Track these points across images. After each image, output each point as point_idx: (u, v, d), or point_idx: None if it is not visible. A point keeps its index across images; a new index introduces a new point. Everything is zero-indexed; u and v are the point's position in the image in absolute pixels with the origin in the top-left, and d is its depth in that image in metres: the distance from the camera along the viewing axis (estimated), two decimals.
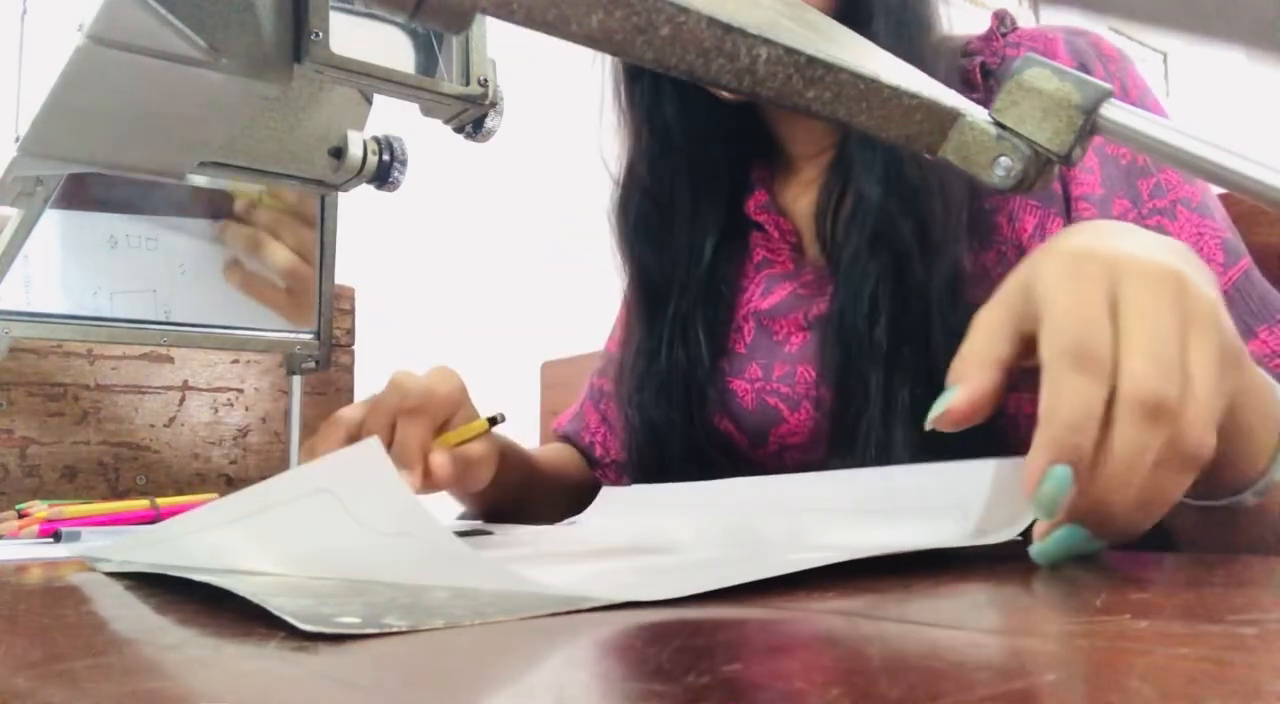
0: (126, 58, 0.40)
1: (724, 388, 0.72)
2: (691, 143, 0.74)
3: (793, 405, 0.68)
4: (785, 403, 0.69)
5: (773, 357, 0.71)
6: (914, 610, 0.28)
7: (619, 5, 0.33)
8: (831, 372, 0.65)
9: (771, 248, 0.74)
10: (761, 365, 0.71)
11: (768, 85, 0.35)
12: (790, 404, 0.69)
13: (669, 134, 0.75)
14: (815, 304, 0.69)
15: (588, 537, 0.57)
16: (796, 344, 0.70)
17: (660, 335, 0.74)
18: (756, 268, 0.75)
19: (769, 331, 0.72)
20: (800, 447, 0.69)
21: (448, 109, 0.49)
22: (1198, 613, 0.26)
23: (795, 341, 0.70)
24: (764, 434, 0.70)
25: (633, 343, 0.77)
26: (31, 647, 0.26)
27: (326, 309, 0.77)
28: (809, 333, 0.69)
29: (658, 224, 0.76)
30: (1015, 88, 0.37)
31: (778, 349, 0.71)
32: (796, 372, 0.69)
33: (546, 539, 0.56)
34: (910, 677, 0.19)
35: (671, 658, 0.22)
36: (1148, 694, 0.17)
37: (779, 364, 0.70)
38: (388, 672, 0.21)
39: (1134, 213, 0.63)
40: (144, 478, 1.08)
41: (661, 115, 0.75)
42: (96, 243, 0.73)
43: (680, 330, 0.73)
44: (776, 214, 0.74)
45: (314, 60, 0.42)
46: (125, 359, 1.08)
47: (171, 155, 0.52)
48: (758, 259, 0.75)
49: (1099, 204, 0.63)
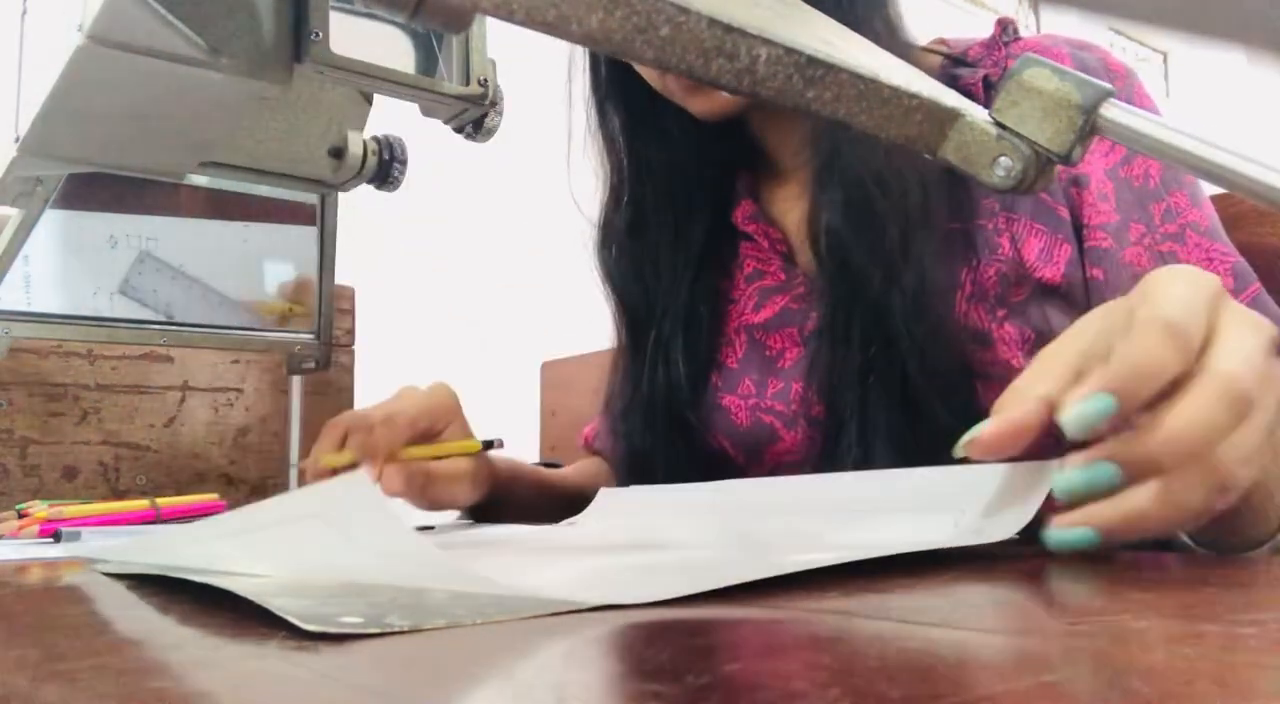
0: (126, 58, 0.40)
1: (715, 405, 0.71)
2: (669, 170, 0.74)
3: (789, 423, 0.68)
4: (780, 420, 0.68)
5: (766, 372, 0.70)
6: (914, 610, 0.28)
7: (619, 5, 0.33)
8: (819, 389, 0.65)
9: (762, 258, 0.73)
10: (754, 381, 0.70)
11: (768, 85, 0.35)
12: (786, 421, 0.68)
13: (646, 165, 0.74)
14: (811, 318, 0.68)
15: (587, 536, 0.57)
16: (791, 360, 0.69)
17: (643, 361, 0.73)
18: (747, 279, 0.74)
19: (762, 346, 0.71)
20: (797, 466, 0.68)
21: (448, 109, 0.49)
22: (1198, 613, 0.26)
23: (790, 357, 0.69)
24: (759, 452, 0.69)
25: (620, 369, 0.77)
26: (31, 647, 0.26)
27: (327, 309, 0.77)
28: (804, 348, 0.68)
29: (638, 255, 0.75)
30: (1015, 88, 0.37)
31: (771, 365, 0.70)
32: (791, 388, 0.68)
33: (545, 538, 0.56)
34: (910, 677, 0.19)
35: (671, 658, 0.22)
36: (1148, 694, 0.17)
37: (773, 380, 0.69)
38: (388, 672, 0.21)
39: (1148, 238, 0.63)
40: (144, 478, 1.08)
41: (636, 149, 0.74)
42: (96, 243, 0.73)
43: (663, 356, 0.73)
44: (765, 224, 0.73)
45: (314, 60, 0.42)
46: (125, 359, 1.08)
47: (171, 155, 0.52)
48: (748, 270, 0.74)
49: (1115, 232, 0.63)
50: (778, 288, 0.72)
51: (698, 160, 0.74)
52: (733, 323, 0.73)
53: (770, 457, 0.69)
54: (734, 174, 0.75)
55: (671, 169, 0.74)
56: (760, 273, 0.73)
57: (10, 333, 0.66)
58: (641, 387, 0.72)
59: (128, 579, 0.40)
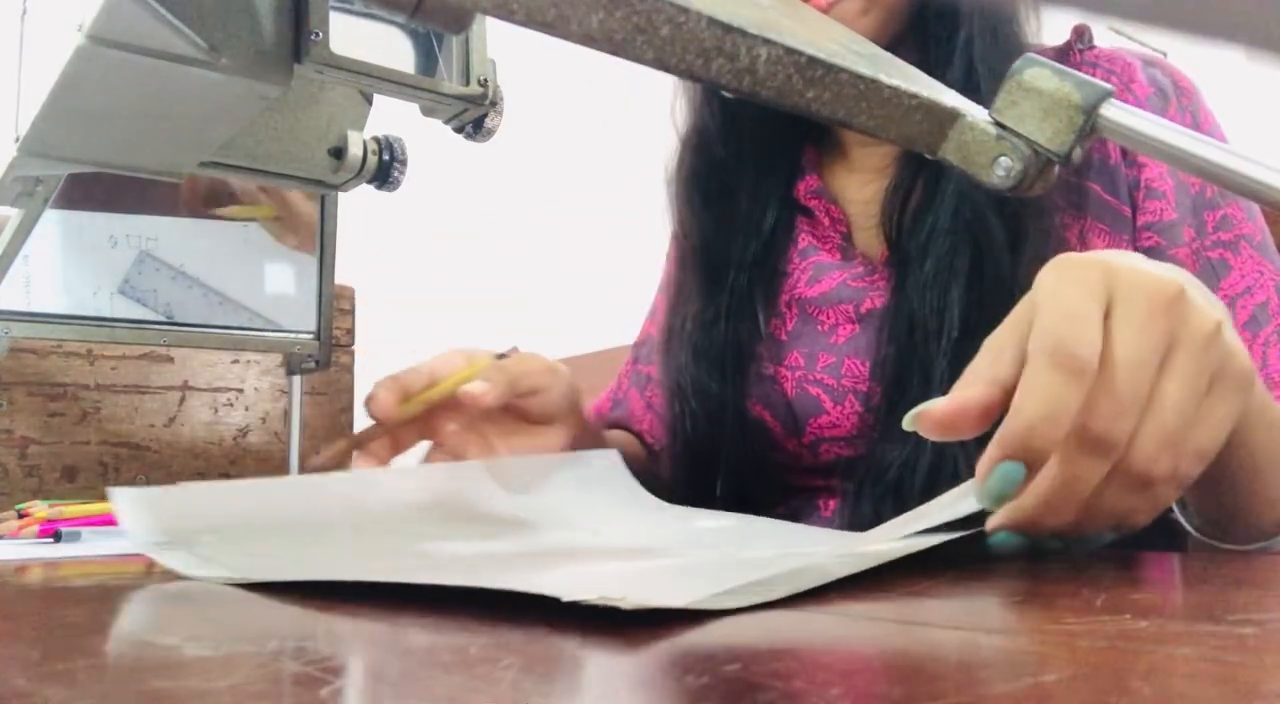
0: (126, 58, 0.40)
1: (762, 373, 0.70)
2: (756, 114, 0.73)
3: (837, 398, 0.67)
4: (828, 394, 0.67)
5: (816, 345, 0.69)
6: (914, 610, 0.28)
7: (619, 5, 0.33)
8: (887, 366, 0.64)
9: (819, 235, 0.73)
10: (804, 354, 0.69)
11: (768, 85, 0.35)
12: (834, 396, 0.67)
13: (736, 105, 0.73)
14: (869, 297, 0.68)
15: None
16: (844, 336, 0.68)
17: (719, 307, 0.71)
18: (801, 254, 0.73)
19: (814, 320, 0.70)
20: (841, 440, 0.67)
21: (448, 109, 0.49)
22: (1198, 613, 0.26)
23: (843, 333, 0.68)
24: (801, 424, 0.68)
25: (685, 311, 0.74)
26: (31, 647, 0.26)
27: (326, 309, 0.77)
28: (859, 326, 0.68)
29: (719, 193, 0.74)
30: (1015, 87, 0.37)
31: (822, 338, 0.69)
32: (844, 363, 0.67)
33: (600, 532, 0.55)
34: (910, 677, 0.19)
35: (671, 658, 0.22)
36: (1148, 694, 0.17)
37: (823, 354, 0.68)
38: (385, 671, 0.21)
39: (1197, 243, 0.62)
40: (144, 478, 1.08)
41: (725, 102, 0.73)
42: (96, 243, 0.73)
43: (738, 305, 0.71)
44: (828, 201, 0.72)
45: (314, 60, 0.42)
46: (125, 359, 1.08)
47: (171, 155, 0.52)
48: (802, 245, 0.73)
49: (1167, 230, 0.62)
50: (834, 265, 0.71)
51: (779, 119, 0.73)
52: (784, 295, 0.72)
53: (813, 429, 0.68)
54: (799, 149, 0.75)
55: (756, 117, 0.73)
56: (815, 248, 0.73)
57: (10, 333, 0.66)
58: (717, 332, 0.71)
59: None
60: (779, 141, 0.74)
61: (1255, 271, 0.62)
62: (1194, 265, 0.62)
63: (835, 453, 0.68)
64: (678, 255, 0.78)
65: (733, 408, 0.69)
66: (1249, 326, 0.60)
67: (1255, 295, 0.61)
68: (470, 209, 2.05)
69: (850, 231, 0.72)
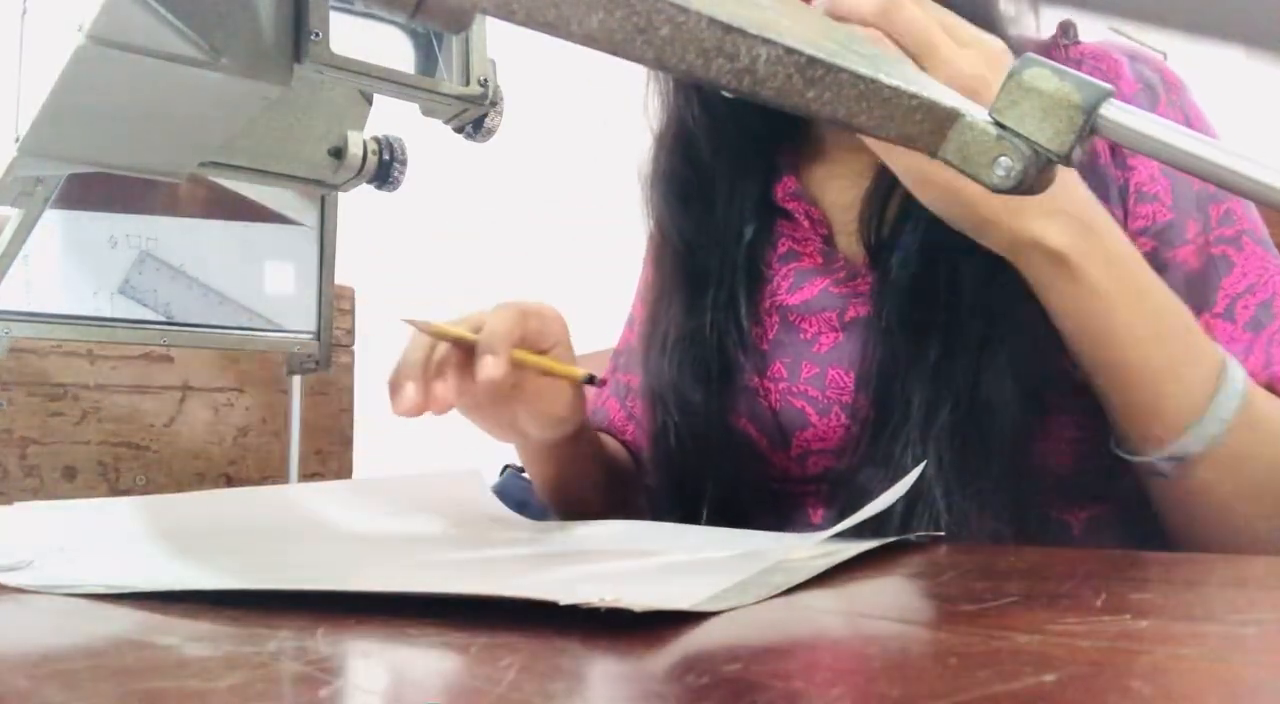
0: (126, 58, 0.40)
1: (742, 386, 0.68)
2: (729, 112, 0.71)
3: (821, 410, 0.66)
4: (813, 406, 0.66)
5: (799, 355, 0.67)
6: (914, 610, 0.28)
7: (619, 5, 0.33)
8: (871, 380, 0.63)
9: (799, 238, 0.71)
10: (786, 364, 0.68)
11: (768, 85, 0.35)
12: (819, 408, 0.66)
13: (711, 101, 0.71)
14: (851, 304, 0.66)
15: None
16: (827, 345, 0.67)
17: (701, 316, 0.70)
18: (781, 259, 0.71)
19: (796, 328, 0.68)
20: (828, 452, 0.66)
21: (448, 109, 0.49)
22: (1198, 613, 0.26)
23: (826, 342, 0.67)
24: (787, 437, 0.67)
25: (666, 320, 0.72)
26: (32, 647, 0.26)
27: (326, 309, 0.77)
28: (842, 334, 0.66)
29: (697, 194, 0.72)
30: (1015, 87, 0.37)
31: (805, 348, 0.67)
32: (827, 374, 0.66)
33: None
34: (910, 676, 0.19)
35: (671, 658, 0.22)
36: (1148, 694, 0.17)
37: (806, 364, 0.67)
38: (385, 671, 0.21)
39: (1202, 238, 0.62)
40: (144, 478, 1.08)
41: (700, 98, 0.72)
42: (96, 243, 0.73)
43: (721, 314, 0.69)
44: (808, 203, 0.70)
45: (314, 60, 0.42)
46: (125, 359, 1.08)
47: (171, 155, 0.52)
48: (782, 250, 0.71)
49: (1164, 233, 0.61)
50: (816, 270, 0.69)
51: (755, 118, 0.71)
52: (765, 303, 0.70)
53: (799, 442, 0.67)
54: (775, 150, 0.73)
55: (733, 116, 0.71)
56: (795, 253, 0.71)
57: (10, 333, 0.66)
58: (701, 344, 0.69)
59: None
60: (754, 141, 0.72)
61: (1259, 267, 0.61)
62: (1199, 260, 0.61)
63: (823, 464, 0.67)
64: (655, 258, 0.77)
65: (718, 422, 0.68)
66: (1250, 327, 0.60)
67: (1258, 293, 0.60)
68: (470, 209, 2.05)
69: (831, 234, 0.70)
